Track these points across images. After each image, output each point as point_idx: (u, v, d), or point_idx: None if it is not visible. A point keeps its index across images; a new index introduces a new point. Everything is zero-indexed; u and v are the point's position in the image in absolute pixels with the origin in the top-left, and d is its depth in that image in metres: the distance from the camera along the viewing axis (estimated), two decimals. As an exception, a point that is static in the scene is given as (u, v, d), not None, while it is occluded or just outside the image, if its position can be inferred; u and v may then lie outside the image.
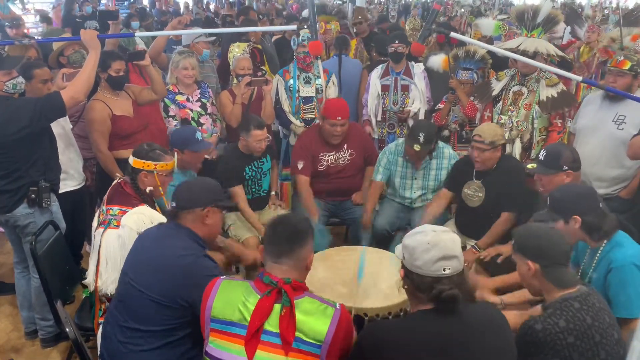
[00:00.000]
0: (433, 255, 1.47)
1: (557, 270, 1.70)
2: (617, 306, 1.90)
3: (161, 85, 3.27)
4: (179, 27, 4.02)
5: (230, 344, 1.55)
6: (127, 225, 2.16)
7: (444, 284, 1.46)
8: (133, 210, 2.22)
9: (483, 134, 2.89)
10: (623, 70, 2.93)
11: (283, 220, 1.69)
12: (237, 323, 1.55)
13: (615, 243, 2.00)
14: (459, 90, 3.75)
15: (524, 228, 1.89)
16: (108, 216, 2.23)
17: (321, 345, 1.50)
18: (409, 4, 14.20)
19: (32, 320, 2.89)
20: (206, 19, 8.06)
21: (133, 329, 1.84)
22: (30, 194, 2.56)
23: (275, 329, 1.51)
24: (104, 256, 2.19)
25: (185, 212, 1.93)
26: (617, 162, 3.00)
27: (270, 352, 1.51)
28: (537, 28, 3.28)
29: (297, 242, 1.62)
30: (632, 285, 1.90)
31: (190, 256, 1.85)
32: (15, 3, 8.97)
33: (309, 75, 3.94)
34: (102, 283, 2.19)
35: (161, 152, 2.36)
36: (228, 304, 1.58)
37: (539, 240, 1.74)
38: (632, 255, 1.94)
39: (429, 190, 3.38)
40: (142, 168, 2.30)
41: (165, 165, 2.34)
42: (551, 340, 1.59)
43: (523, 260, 1.76)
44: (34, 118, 2.42)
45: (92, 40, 2.64)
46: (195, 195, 1.96)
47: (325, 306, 1.56)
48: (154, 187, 2.31)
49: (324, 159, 3.43)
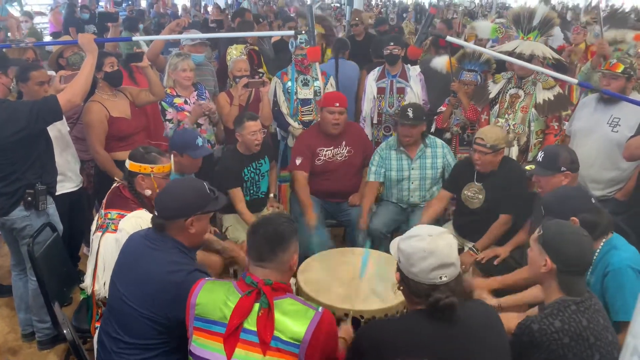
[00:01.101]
0: (430, 264, 1.46)
1: (571, 278, 1.68)
2: (615, 310, 1.90)
3: (159, 87, 3.28)
4: (176, 29, 4.03)
5: (211, 342, 1.56)
6: (124, 229, 2.14)
7: (440, 292, 1.45)
8: (131, 214, 2.21)
9: (485, 137, 2.90)
10: (616, 73, 2.95)
11: (265, 223, 1.67)
12: (218, 321, 1.56)
13: (611, 246, 2.00)
14: (461, 93, 3.77)
15: (558, 224, 1.77)
16: (106, 220, 2.23)
17: (299, 345, 1.49)
18: (406, 6, 14.22)
19: (29, 322, 2.89)
20: (204, 21, 8.06)
21: (125, 341, 1.82)
22: (26, 196, 2.56)
23: (254, 328, 1.52)
24: (101, 260, 2.18)
25: (169, 222, 1.86)
26: (613, 164, 3.02)
27: (249, 350, 1.52)
28: (533, 31, 3.29)
29: (279, 245, 1.60)
30: (629, 289, 1.90)
31: (180, 272, 1.79)
32: (14, 5, 8.97)
33: (307, 78, 3.95)
34: (99, 287, 2.18)
35: (157, 155, 2.33)
36: (211, 302, 1.58)
37: (570, 245, 1.67)
38: (628, 258, 1.95)
39: (427, 179, 3.39)
40: (138, 171, 2.28)
41: (162, 168, 2.32)
42: (547, 340, 1.60)
43: (542, 254, 1.70)
44: (30, 120, 2.42)
45: (90, 44, 2.64)
46: (178, 205, 1.86)
47: (307, 308, 1.56)
48: (152, 189, 2.29)
49: (322, 154, 3.44)
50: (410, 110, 3.21)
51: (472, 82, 3.87)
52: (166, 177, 2.36)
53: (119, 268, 1.93)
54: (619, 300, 1.90)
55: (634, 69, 2.97)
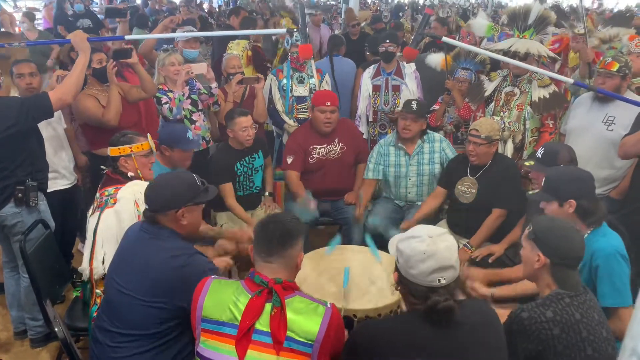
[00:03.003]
0: (429, 266, 1.45)
1: (564, 271, 1.69)
2: (603, 295, 1.92)
3: (150, 83, 3.25)
4: (170, 26, 4.01)
5: (221, 344, 1.54)
6: (123, 197, 2.18)
7: (439, 294, 1.44)
8: (129, 183, 2.26)
9: (480, 128, 2.92)
10: (611, 71, 2.95)
11: (274, 220, 1.68)
12: (228, 323, 1.54)
13: (599, 233, 2.02)
14: (455, 91, 3.77)
15: (547, 219, 1.82)
16: (104, 198, 2.25)
17: (313, 345, 1.50)
18: (401, 5, 14.21)
19: (21, 320, 2.87)
20: (200, 18, 8.01)
21: (122, 334, 1.81)
22: (17, 193, 2.54)
23: (267, 329, 1.51)
24: (100, 237, 2.18)
25: (160, 214, 1.88)
26: (608, 163, 3.02)
27: (262, 351, 1.50)
28: (528, 29, 3.29)
29: (288, 242, 1.62)
30: (617, 275, 1.92)
31: (182, 256, 1.82)
32: (7, 1, 8.90)
33: (303, 75, 3.94)
34: (97, 264, 2.16)
35: (133, 136, 2.39)
36: (219, 303, 1.57)
37: (560, 238, 1.69)
38: (617, 245, 1.97)
39: (425, 175, 3.39)
40: (119, 154, 2.34)
41: (141, 147, 2.36)
42: (536, 329, 1.60)
43: (535, 250, 1.71)
44: (20, 117, 2.41)
45: (82, 43, 2.63)
46: (167, 197, 1.87)
47: (317, 305, 1.56)
48: (134, 171, 2.33)
49: (315, 152, 3.44)
50: (414, 103, 3.26)
51: (467, 79, 3.86)
52: (147, 155, 2.39)
53: (117, 262, 1.92)
54: (607, 286, 1.93)
55: (629, 67, 2.97)
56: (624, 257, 1.95)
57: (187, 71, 3.40)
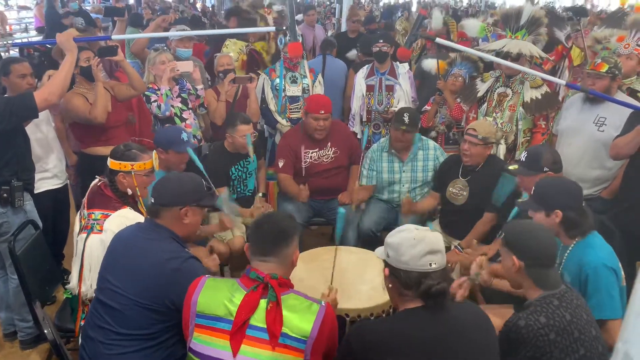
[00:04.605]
0: (420, 250, 1.48)
1: (540, 271, 1.72)
2: (592, 308, 1.89)
3: (139, 80, 3.21)
4: (162, 25, 3.99)
5: (215, 339, 1.54)
6: (109, 229, 2.12)
7: (432, 279, 1.47)
8: (115, 213, 2.18)
9: (478, 128, 2.94)
10: (600, 73, 2.96)
11: (269, 219, 1.70)
12: (223, 318, 1.54)
13: (586, 244, 2.02)
14: (447, 92, 3.77)
15: (515, 224, 1.88)
16: (90, 221, 2.20)
17: (306, 341, 1.51)
18: (393, 6, 14.25)
19: (10, 321, 2.84)
20: (192, 17, 7.98)
21: (116, 332, 1.80)
22: (2, 193, 2.51)
23: (262, 324, 1.52)
24: (87, 262, 2.15)
25: (164, 209, 1.89)
26: (599, 163, 3.04)
27: (256, 346, 1.51)
28: (520, 30, 3.31)
29: (283, 240, 1.63)
30: (605, 287, 1.92)
31: (177, 259, 1.81)
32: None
33: (296, 75, 3.93)
34: (86, 289, 2.15)
35: (138, 152, 2.29)
36: (214, 299, 1.57)
37: (529, 239, 1.74)
38: (603, 257, 1.97)
39: (418, 182, 3.39)
40: (119, 169, 2.24)
41: (143, 165, 2.28)
42: (534, 337, 1.61)
43: (509, 255, 1.76)
44: (4, 116, 2.39)
45: (68, 43, 2.59)
46: (175, 192, 1.89)
47: (311, 303, 1.57)
48: (132, 188, 2.25)
49: (307, 156, 3.42)
50: (406, 116, 3.20)
51: (461, 76, 3.86)
52: (148, 174, 2.32)
53: (110, 261, 1.91)
54: (593, 299, 1.93)
55: (618, 68, 2.99)
56: (610, 269, 1.94)
57: (173, 68, 3.38)
